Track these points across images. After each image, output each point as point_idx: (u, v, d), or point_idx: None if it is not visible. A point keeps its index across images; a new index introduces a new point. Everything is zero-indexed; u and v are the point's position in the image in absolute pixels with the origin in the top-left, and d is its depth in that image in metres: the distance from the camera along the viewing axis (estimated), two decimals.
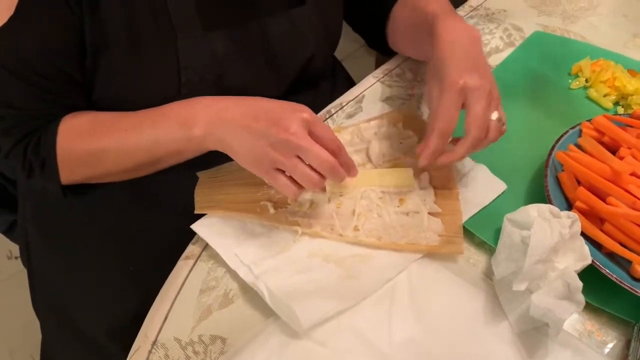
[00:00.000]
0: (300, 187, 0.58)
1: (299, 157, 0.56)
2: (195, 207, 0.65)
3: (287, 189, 0.58)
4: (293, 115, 0.56)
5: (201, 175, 0.69)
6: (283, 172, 0.57)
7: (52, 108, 0.65)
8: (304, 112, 0.56)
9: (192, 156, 0.64)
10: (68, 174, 0.66)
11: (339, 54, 1.01)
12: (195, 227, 0.63)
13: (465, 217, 0.65)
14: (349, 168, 0.60)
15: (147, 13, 0.60)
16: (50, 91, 0.63)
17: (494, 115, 0.61)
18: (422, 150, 0.61)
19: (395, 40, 0.83)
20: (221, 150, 0.60)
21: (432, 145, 0.60)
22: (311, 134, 0.56)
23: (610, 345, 0.57)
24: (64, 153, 0.64)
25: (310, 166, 0.56)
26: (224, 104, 0.60)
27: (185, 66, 0.64)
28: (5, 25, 0.57)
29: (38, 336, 0.81)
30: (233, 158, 0.59)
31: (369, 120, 0.76)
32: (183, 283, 0.61)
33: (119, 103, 0.66)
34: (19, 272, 1.52)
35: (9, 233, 0.92)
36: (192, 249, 0.64)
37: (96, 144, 0.63)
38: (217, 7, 0.64)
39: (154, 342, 0.56)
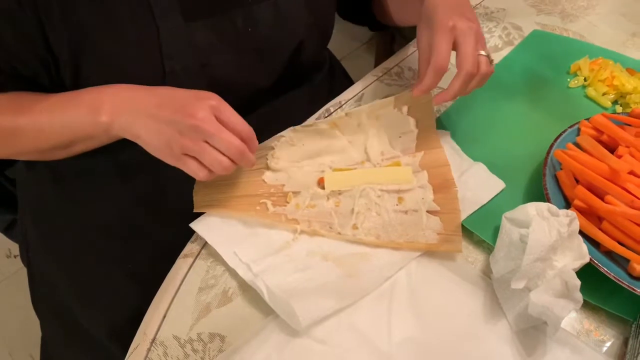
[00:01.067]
0: (211, 171, 0.58)
1: (207, 142, 0.56)
2: (194, 206, 0.65)
3: (198, 173, 0.58)
4: (199, 102, 0.56)
5: None
6: (193, 157, 0.57)
7: None
8: (211, 98, 0.57)
9: (105, 142, 0.64)
10: None
11: (338, 53, 1.01)
12: (194, 225, 0.63)
13: (464, 216, 0.65)
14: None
15: (127, 4, 0.60)
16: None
17: (483, 52, 0.64)
18: (416, 85, 0.64)
19: (382, 9, 0.85)
20: (130, 139, 0.60)
21: (426, 81, 0.63)
22: (220, 121, 0.57)
23: (608, 344, 0.57)
24: None
25: (220, 151, 0.57)
26: (132, 93, 0.60)
27: (168, 56, 0.64)
28: None
29: (38, 335, 0.81)
30: (143, 147, 0.60)
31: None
32: (182, 281, 0.61)
33: None
34: (19, 271, 1.52)
35: (8, 232, 0.92)
36: (191, 247, 0.64)
37: (12, 122, 0.63)
38: None
39: (153, 340, 0.56)
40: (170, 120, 0.56)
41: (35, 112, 0.63)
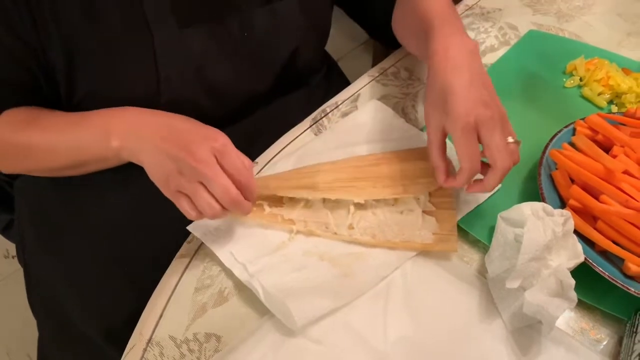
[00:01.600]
0: (201, 213, 0.57)
1: (203, 185, 0.55)
2: None
3: (188, 213, 0.57)
4: (204, 142, 0.55)
5: None
6: (187, 196, 0.57)
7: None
8: (217, 140, 0.56)
9: (115, 164, 0.64)
10: (3, 164, 0.68)
11: (335, 53, 1.02)
12: (190, 228, 0.64)
13: (459, 215, 0.65)
14: (252, 201, 0.59)
15: (121, 11, 0.60)
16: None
17: (510, 139, 0.58)
18: (449, 184, 0.60)
19: (399, 35, 0.80)
20: (135, 162, 0.60)
21: (459, 181, 0.59)
22: (221, 165, 0.55)
23: (603, 343, 0.57)
24: None
25: (214, 196, 0.56)
26: (141, 119, 0.60)
27: (163, 63, 0.63)
28: None
29: (35, 335, 0.81)
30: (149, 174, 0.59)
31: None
32: (178, 281, 0.61)
33: (102, 103, 0.66)
34: (16, 272, 1.52)
35: (6, 232, 0.92)
36: (187, 247, 0.64)
37: (25, 139, 0.64)
38: (192, 2, 0.64)
39: (149, 340, 0.56)
40: (172, 155, 0.55)
41: (49, 131, 0.64)
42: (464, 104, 0.56)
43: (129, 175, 0.71)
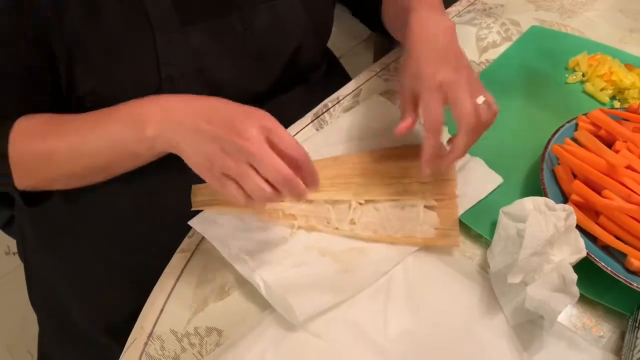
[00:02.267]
0: (251, 198, 0.53)
1: (252, 166, 0.51)
2: (192, 204, 0.65)
3: (237, 198, 0.53)
4: (249, 119, 0.52)
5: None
6: (234, 179, 0.52)
7: (8, 105, 0.62)
8: (264, 117, 0.53)
9: (146, 161, 0.60)
10: (19, 178, 0.61)
11: (337, 50, 1.01)
12: (192, 223, 0.63)
13: (461, 211, 0.65)
14: (313, 182, 0.55)
15: (122, 8, 0.59)
16: (7, 91, 0.61)
17: (480, 100, 0.58)
18: (422, 158, 0.60)
19: (388, 26, 0.81)
20: (174, 153, 0.55)
21: (428, 147, 0.58)
22: (270, 143, 0.52)
23: (605, 338, 0.57)
24: (14, 154, 0.60)
25: (264, 178, 0.52)
26: (176, 104, 0.56)
27: (165, 61, 0.62)
28: None
29: (36, 332, 0.81)
30: (188, 164, 0.55)
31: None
32: (179, 276, 0.61)
33: (102, 103, 0.66)
34: (17, 268, 1.52)
35: (7, 228, 0.92)
36: (188, 242, 0.64)
37: (45, 145, 0.59)
38: (194, 0, 0.63)
39: (150, 334, 0.56)
40: (215, 135, 0.51)
41: (71, 133, 0.59)
42: (430, 65, 0.58)
43: (131, 173, 0.71)
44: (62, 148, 0.59)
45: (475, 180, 0.68)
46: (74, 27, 0.58)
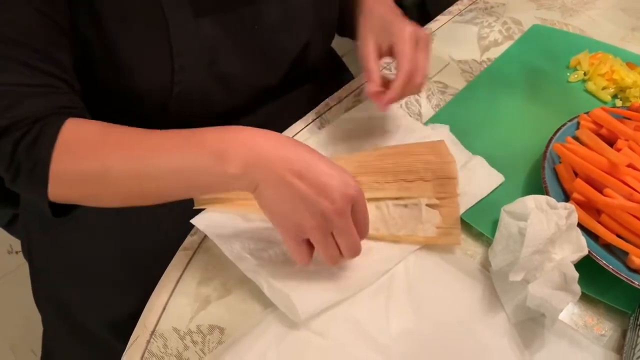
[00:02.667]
0: (309, 259, 0.54)
1: (331, 233, 0.52)
2: (195, 202, 0.65)
3: (302, 260, 0.54)
4: (341, 188, 0.50)
5: None
6: (306, 241, 0.53)
7: (52, 82, 0.56)
8: (352, 187, 0.51)
9: (214, 192, 0.58)
10: (59, 190, 0.55)
11: (340, 49, 1.02)
12: (195, 221, 0.63)
13: (463, 209, 0.65)
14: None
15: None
16: (43, 57, 0.55)
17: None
18: (384, 96, 0.65)
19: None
20: (251, 193, 0.52)
21: (395, 87, 0.65)
22: (353, 215, 0.52)
23: (606, 336, 0.57)
24: (60, 164, 0.54)
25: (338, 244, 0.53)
26: (269, 144, 0.51)
27: (177, 52, 0.63)
28: None
29: (39, 331, 0.81)
30: (260, 206, 0.52)
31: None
32: (181, 274, 0.61)
33: (117, 92, 0.65)
34: (20, 267, 1.53)
35: (10, 227, 0.92)
36: (190, 240, 0.64)
37: (103, 163, 0.54)
38: None
39: (153, 332, 0.56)
40: (304, 196, 0.49)
41: (136, 154, 0.53)
42: (399, 20, 0.68)
43: None
44: (123, 171, 0.53)
45: (477, 178, 0.68)
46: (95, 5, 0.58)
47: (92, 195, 0.57)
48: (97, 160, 0.54)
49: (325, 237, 0.51)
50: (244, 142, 0.51)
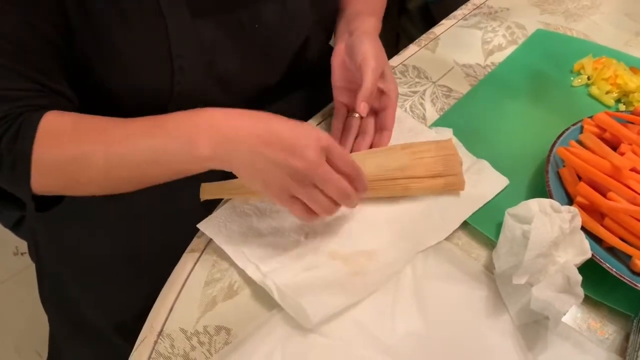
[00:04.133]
0: (315, 214, 0.57)
1: (316, 186, 0.54)
2: (201, 195, 0.65)
3: (304, 217, 0.57)
4: (309, 142, 0.53)
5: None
6: (298, 199, 0.56)
7: (31, 87, 0.58)
8: (321, 138, 0.54)
9: (189, 174, 0.59)
10: (41, 180, 0.57)
11: None
12: (201, 225, 0.64)
13: (468, 213, 0.66)
14: (364, 189, 0.59)
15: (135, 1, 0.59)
16: (29, 65, 0.57)
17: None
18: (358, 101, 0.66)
19: None
20: (229, 171, 0.56)
21: (366, 86, 0.65)
22: (330, 162, 0.54)
23: (610, 339, 0.57)
24: (39, 154, 0.56)
25: (328, 196, 0.55)
26: (232, 122, 0.55)
27: (176, 53, 0.63)
28: None
29: (44, 332, 0.81)
30: (243, 181, 0.57)
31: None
32: (188, 275, 0.61)
33: (116, 95, 0.65)
34: (26, 269, 1.54)
35: (16, 229, 0.93)
36: (197, 242, 0.64)
37: (79, 149, 0.56)
38: None
39: (160, 333, 0.57)
40: (279, 162, 0.52)
41: (111, 140, 0.56)
42: (376, 59, 0.68)
43: None
44: (98, 155, 0.55)
45: (482, 182, 0.69)
46: (94, 6, 0.58)
47: (71, 183, 0.59)
48: (76, 150, 0.56)
49: (310, 192, 0.54)
50: (210, 123, 0.54)
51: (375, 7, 0.80)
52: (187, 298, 0.60)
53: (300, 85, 0.82)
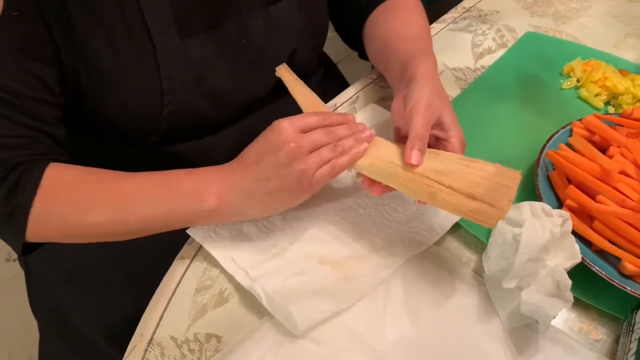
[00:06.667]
0: (345, 157, 0.58)
1: (311, 151, 0.57)
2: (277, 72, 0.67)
3: (334, 168, 0.58)
4: (276, 132, 0.56)
5: None
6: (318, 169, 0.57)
7: (26, 133, 0.58)
8: (282, 122, 0.57)
9: (195, 225, 0.63)
10: (42, 232, 0.58)
11: (335, 56, 1.02)
12: (191, 231, 0.64)
13: (457, 217, 0.66)
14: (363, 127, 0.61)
15: (123, 24, 0.60)
16: (24, 112, 0.58)
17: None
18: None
19: (368, 50, 0.82)
20: (237, 220, 0.60)
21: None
22: (302, 129, 0.57)
23: (600, 342, 0.58)
24: (43, 208, 0.56)
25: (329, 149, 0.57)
26: (227, 170, 0.59)
27: (165, 75, 0.63)
28: None
29: (37, 338, 0.81)
30: (263, 213, 0.60)
31: None
32: (179, 282, 0.61)
33: (106, 119, 0.66)
34: (18, 275, 1.53)
35: None
36: (187, 249, 0.64)
37: (85, 205, 0.58)
38: (193, 13, 0.64)
39: (150, 341, 0.56)
40: (269, 164, 0.56)
41: (118, 199, 0.58)
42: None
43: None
44: (103, 214, 0.57)
45: None
46: (79, 33, 0.58)
47: (73, 237, 0.61)
48: (80, 206, 0.57)
49: (311, 159, 0.56)
50: (210, 180, 0.58)
51: (427, 41, 0.75)
52: (177, 306, 0.59)
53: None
